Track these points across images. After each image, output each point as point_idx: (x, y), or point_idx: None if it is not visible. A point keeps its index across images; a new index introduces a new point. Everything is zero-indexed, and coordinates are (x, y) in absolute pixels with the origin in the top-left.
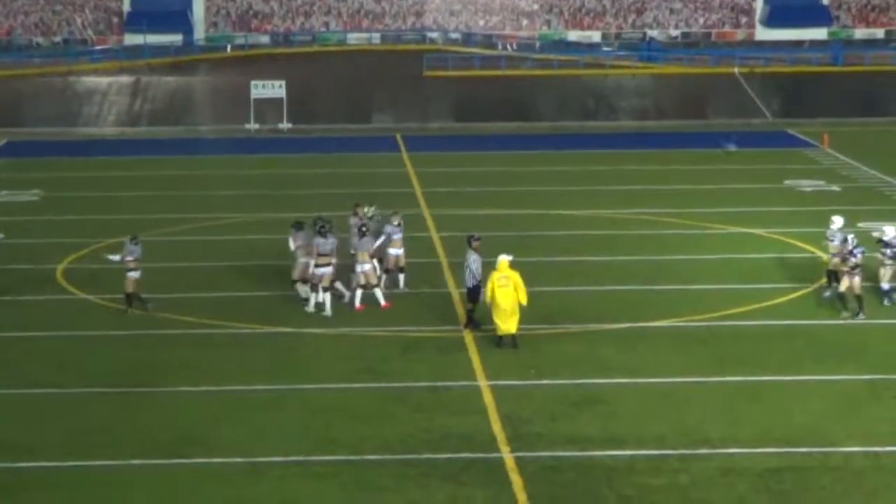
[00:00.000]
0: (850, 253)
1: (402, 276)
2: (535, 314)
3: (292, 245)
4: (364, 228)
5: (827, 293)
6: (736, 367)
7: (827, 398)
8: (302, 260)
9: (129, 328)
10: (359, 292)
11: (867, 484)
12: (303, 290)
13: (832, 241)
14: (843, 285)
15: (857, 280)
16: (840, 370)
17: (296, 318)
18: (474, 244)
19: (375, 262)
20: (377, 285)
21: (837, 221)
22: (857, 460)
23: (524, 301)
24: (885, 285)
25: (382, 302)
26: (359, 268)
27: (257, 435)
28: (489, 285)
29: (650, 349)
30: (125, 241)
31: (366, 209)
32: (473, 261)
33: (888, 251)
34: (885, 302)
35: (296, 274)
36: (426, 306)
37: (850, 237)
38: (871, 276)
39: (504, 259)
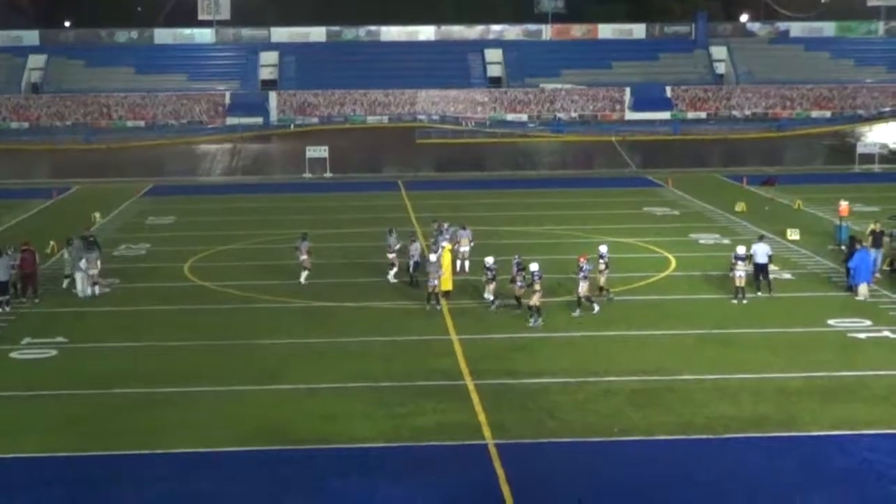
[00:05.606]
0: (580, 268)
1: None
2: None
3: (66, 255)
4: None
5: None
6: (612, 325)
7: (670, 345)
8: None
9: (227, 303)
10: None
11: (696, 399)
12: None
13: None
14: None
15: (585, 284)
16: (678, 328)
17: (336, 296)
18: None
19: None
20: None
21: (740, 249)
22: (690, 384)
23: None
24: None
25: None
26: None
27: (311, 370)
28: (445, 257)
29: (558, 314)
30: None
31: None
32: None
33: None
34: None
35: (66, 269)
36: (419, 288)
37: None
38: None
39: (447, 245)
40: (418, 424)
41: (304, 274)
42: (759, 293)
